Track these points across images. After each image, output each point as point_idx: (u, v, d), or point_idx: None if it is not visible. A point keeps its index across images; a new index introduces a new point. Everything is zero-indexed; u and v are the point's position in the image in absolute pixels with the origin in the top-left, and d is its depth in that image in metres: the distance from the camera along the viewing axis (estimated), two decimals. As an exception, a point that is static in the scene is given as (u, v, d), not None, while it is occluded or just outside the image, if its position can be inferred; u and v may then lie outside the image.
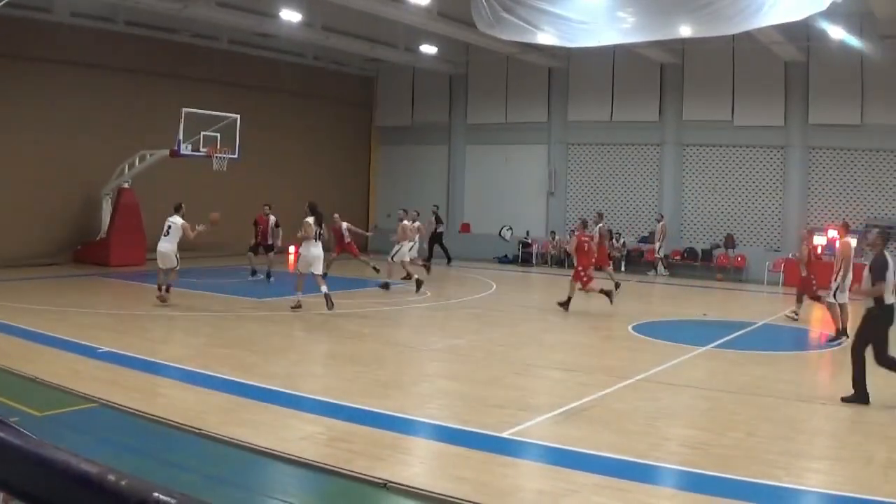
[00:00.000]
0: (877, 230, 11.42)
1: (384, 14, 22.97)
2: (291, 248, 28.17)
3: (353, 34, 27.19)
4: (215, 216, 17.51)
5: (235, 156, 23.66)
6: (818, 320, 19.19)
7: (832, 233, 24.91)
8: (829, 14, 19.04)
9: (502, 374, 10.94)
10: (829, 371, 12.92)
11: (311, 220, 16.17)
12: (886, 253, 10.04)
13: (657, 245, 27.22)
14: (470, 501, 6.17)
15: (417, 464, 7.27)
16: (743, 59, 26.02)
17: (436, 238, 28.06)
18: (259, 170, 28.46)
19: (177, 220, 16.39)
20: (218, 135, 23.29)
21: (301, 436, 7.79)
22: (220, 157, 23.20)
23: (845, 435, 8.34)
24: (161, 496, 1.16)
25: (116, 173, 24.10)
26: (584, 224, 18.99)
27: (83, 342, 12.19)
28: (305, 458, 7.09)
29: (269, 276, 21.42)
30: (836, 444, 8.05)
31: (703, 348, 13.32)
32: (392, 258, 19.95)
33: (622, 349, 13.41)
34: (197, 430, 7.84)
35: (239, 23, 24.57)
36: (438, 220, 28.59)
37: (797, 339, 15.98)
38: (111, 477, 1.21)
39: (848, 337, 13.97)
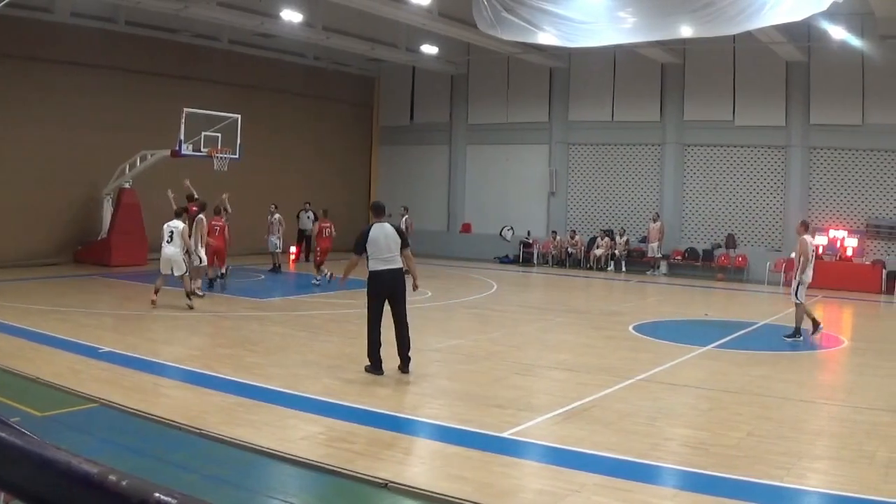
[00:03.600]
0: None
1: (385, 14, 22.99)
2: (293, 248, 28.25)
3: (354, 34, 27.20)
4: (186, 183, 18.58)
5: (236, 156, 23.68)
6: (818, 320, 19.20)
7: (834, 233, 24.97)
8: (830, 14, 19.06)
9: (503, 374, 10.93)
10: (829, 371, 12.91)
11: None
12: None
13: (654, 245, 27.24)
14: (471, 501, 6.17)
15: (418, 464, 7.27)
16: (744, 59, 26.03)
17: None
18: (260, 170, 28.47)
19: (178, 225, 16.24)
20: (219, 135, 23.31)
21: (302, 436, 7.79)
22: (221, 158, 23.21)
23: (846, 435, 8.33)
24: (162, 496, 1.16)
25: (117, 173, 24.11)
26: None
27: (84, 342, 12.20)
28: (306, 458, 7.09)
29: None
30: (836, 444, 8.04)
31: (704, 348, 13.32)
32: None
33: (623, 349, 13.40)
34: (198, 431, 7.84)
35: (240, 23, 24.59)
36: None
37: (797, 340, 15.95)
38: (112, 477, 1.21)
39: (815, 332, 14.05)
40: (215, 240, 19.90)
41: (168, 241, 16.02)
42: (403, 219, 25.21)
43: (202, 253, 17.60)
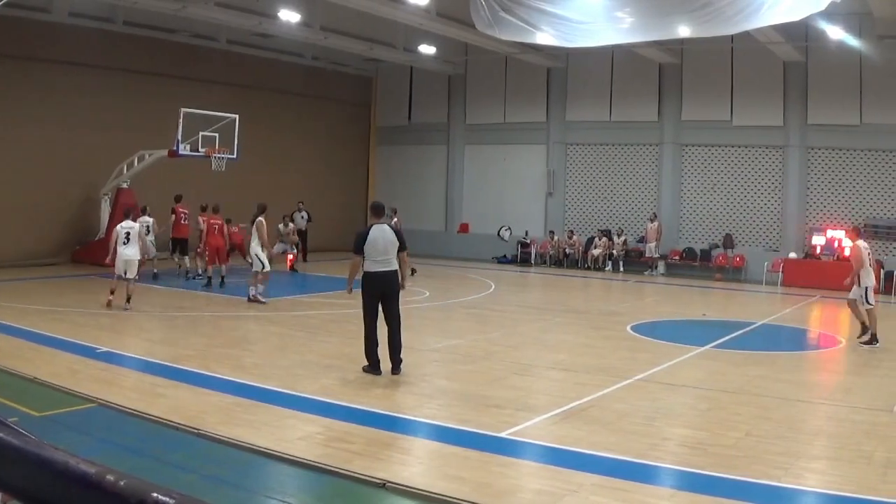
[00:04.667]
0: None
1: (383, 14, 22.98)
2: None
3: (352, 34, 27.20)
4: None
5: (234, 156, 23.66)
6: (816, 320, 19.24)
7: (831, 232, 24.98)
8: (828, 14, 19.08)
9: (501, 374, 10.94)
10: (827, 371, 12.92)
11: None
12: None
13: (652, 245, 27.26)
14: (469, 501, 6.17)
15: (416, 464, 7.27)
16: (742, 59, 26.04)
17: None
18: (258, 170, 28.46)
19: (134, 226, 16.11)
20: (216, 135, 23.30)
21: (300, 436, 7.78)
22: (219, 158, 23.20)
23: (844, 435, 8.34)
24: (160, 496, 1.16)
25: (115, 173, 24.09)
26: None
27: (82, 342, 12.20)
28: (304, 458, 7.09)
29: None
30: (834, 444, 8.05)
31: (702, 348, 13.33)
32: None
33: (621, 349, 13.41)
34: (196, 431, 7.84)
35: (238, 23, 24.58)
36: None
37: (796, 340, 16.00)
38: (110, 477, 1.21)
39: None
40: (213, 238, 19.89)
41: (125, 243, 15.81)
42: (393, 221, 25.11)
43: (264, 258, 16.98)
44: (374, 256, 10.54)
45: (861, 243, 14.50)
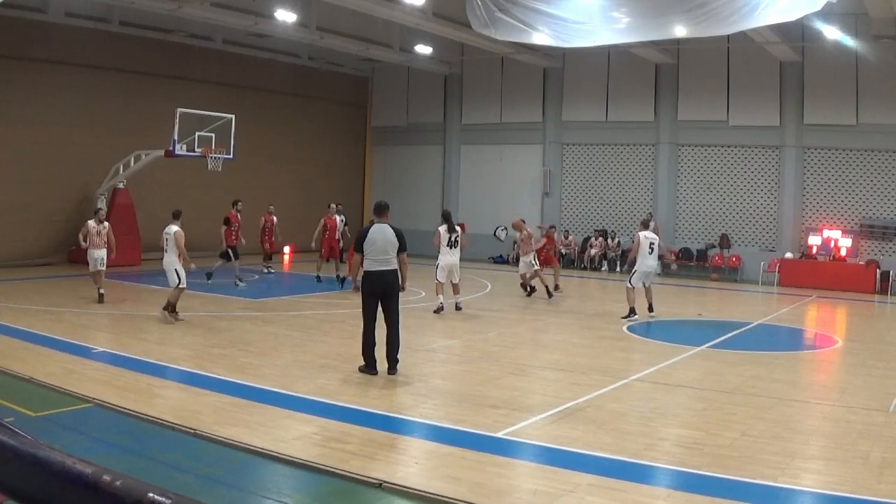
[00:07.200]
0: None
1: (379, 14, 22.99)
2: (287, 248, 28.21)
3: (348, 34, 27.19)
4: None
5: (230, 156, 23.64)
6: (812, 320, 19.27)
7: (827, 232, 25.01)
8: (824, 14, 19.11)
9: (497, 374, 10.94)
10: (823, 371, 12.94)
11: (443, 227, 16.47)
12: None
13: None
14: (464, 501, 6.17)
15: (412, 464, 7.26)
16: (738, 59, 26.08)
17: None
18: (254, 170, 28.45)
19: (171, 230, 15.24)
20: (213, 135, 23.28)
21: (296, 436, 7.78)
22: (215, 158, 23.18)
23: (840, 435, 8.35)
24: (156, 496, 1.16)
25: (111, 173, 24.06)
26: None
27: (78, 342, 12.18)
28: (300, 458, 7.09)
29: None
30: (830, 444, 8.06)
31: (698, 348, 13.34)
32: None
33: (617, 349, 13.42)
34: (192, 431, 7.83)
35: (234, 23, 24.55)
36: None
37: (792, 340, 16.02)
38: (106, 477, 1.21)
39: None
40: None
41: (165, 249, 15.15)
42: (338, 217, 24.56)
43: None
44: (373, 255, 10.55)
45: (645, 234, 16.76)
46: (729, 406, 9.40)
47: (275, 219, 23.19)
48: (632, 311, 16.41)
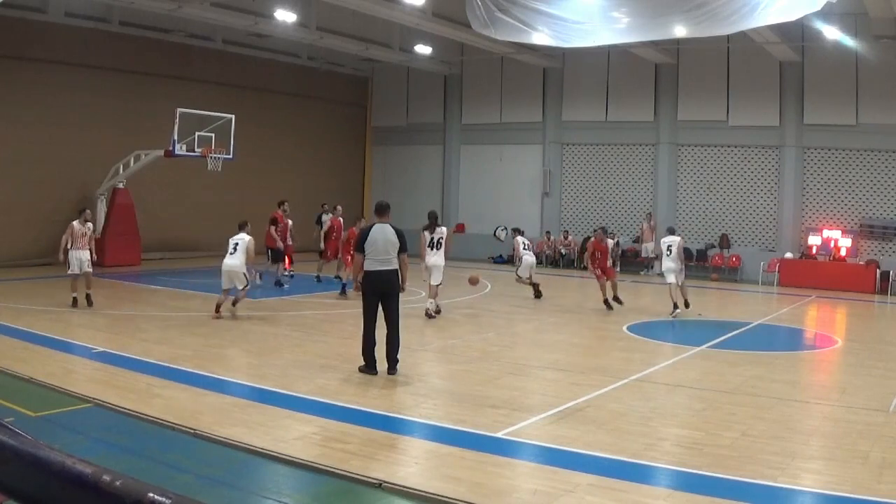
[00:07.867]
0: None
1: (379, 14, 22.98)
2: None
3: (348, 34, 27.19)
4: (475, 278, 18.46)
5: (230, 156, 23.64)
6: (812, 320, 19.27)
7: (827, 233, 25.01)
8: (824, 14, 19.11)
9: (497, 375, 10.94)
10: (823, 371, 12.94)
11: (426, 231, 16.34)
12: None
13: (648, 245, 27.27)
14: (464, 501, 6.17)
15: (412, 464, 7.27)
16: (738, 59, 26.08)
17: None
18: (254, 170, 28.45)
19: (244, 237, 15.40)
20: (212, 135, 23.29)
21: (296, 436, 7.78)
22: (215, 158, 23.18)
23: (840, 435, 8.35)
24: (156, 496, 1.16)
25: (111, 173, 24.06)
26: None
27: (78, 342, 12.19)
28: (300, 458, 7.09)
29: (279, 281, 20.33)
30: (830, 444, 8.05)
31: (698, 348, 13.34)
32: None
33: (617, 349, 13.42)
34: (191, 431, 7.83)
35: (233, 23, 24.55)
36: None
37: (792, 340, 16.02)
38: (106, 477, 1.21)
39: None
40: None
41: (231, 253, 15.27)
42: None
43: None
44: (374, 255, 10.57)
45: (664, 238, 17.63)
46: (729, 406, 9.40)
47: (290, 222, 21.26)
48: (675, 307, 17.09)
